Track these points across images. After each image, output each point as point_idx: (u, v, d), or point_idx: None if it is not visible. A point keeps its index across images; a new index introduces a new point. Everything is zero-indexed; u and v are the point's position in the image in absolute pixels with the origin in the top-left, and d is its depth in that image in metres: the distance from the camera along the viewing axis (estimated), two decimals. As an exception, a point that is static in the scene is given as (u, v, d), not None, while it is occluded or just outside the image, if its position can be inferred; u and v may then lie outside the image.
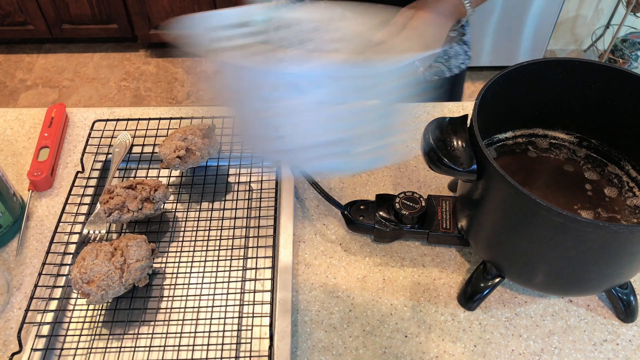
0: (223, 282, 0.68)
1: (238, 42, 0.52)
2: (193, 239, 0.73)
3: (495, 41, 2.27)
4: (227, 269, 0.70)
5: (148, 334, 0.64)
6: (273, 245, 0.70)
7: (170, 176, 0.80)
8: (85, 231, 0.72)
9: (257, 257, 0.70)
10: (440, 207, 0.71)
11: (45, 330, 0.63)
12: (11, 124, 0.89)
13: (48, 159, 0.80)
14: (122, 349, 0.63)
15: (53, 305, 0.65)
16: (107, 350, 0.63)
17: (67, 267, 0.69)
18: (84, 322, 0.65)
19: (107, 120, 0.86)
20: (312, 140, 0.48)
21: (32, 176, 0.77)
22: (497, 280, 0.65)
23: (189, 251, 0.72)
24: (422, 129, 0.62)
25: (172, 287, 0.68)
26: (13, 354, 0.60)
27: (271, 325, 0.63)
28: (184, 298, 0.67)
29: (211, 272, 0.69)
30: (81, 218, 0.74)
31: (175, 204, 0.77)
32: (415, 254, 0.72)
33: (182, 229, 0.74)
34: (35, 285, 0.65)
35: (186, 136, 0.75)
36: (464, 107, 0.91)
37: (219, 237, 0.73)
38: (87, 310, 0.66)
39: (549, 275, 0.61)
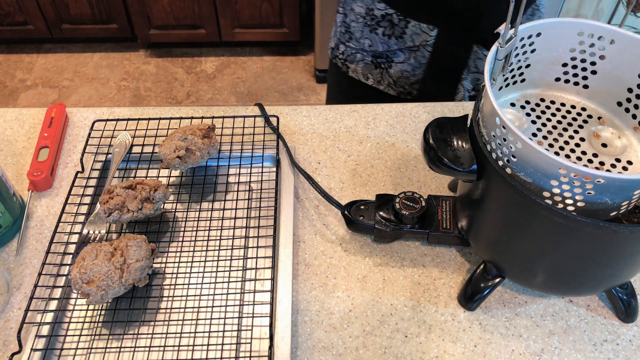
0: (223, 282, 0.68)
1: None
2: (193, 239, 0.73)
3: (495, 41, 2.27)
4: (227, 269, 0.70)
5: (148, 334, 0.64)
6: (273, 245, 0.70)
7: (170, 176, 0.80)
8: (85, 231, 0.72)
9: (257, 257, 0.70)
10: (440, 207, 0.71)
11: (45, 330, 0.63)
12: (11, 124, 0.89)
13: (48, 159, 0.80)
14: (122, 349, 0.63)
15: (53, 305, 0.65)
16: (107, 350, 0.63)
17: (67, 267, 0.69)
18: (83, 322, 0.65)
19: (107, 120, 0.86)
20: None
21: (32, 176, 0.77)
22: (498, 280, 0.65)
23: (189, 251, 0.72)
24: (422, 129, 0.62)
25: (172, 287, 0.68)
26: (13, 354, 0.60)
27: (271, 326, 0.63)
28: (184, 298, 0.67)
29: (211, 272, 0.69)
30: (81, 218, 0.74)
31: (175, 204, 0.77)
32: (415, 254, 0.72)
33: (182, 229, 0.74)
34: (35, 285, 0.65)
35: (186, 136, 0.75)
36: (464, 107, 0.91)
37: (219, 237, 0.73)
38: (87, 310, 0.66)
39: (549, 275, 0.61)
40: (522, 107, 0.64)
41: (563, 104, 0.64)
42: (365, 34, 0.94)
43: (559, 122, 0.62)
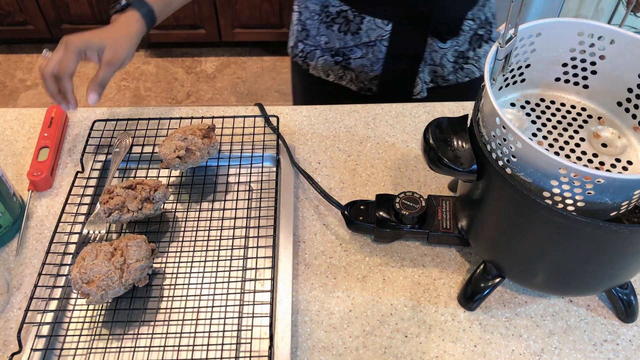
0: (223, 282, 0.68)
1: None
2: (193, 239, 0.73)
3: (495, 41, 2.27)
4: (227, 269, 0.70)
5: (148, 334, 0.64)
6: (273, 245, 0.70)
7: (170, 176, 0.80)
8: (85, 231, 0.72)
9: (257, 257, 0.70)
10: (440, 207, 0.71)
11: (45, 330, 0.63)
12: (11, 124, 0.89)
13: (48, 159, 0.80)
14: (122, 349, 0.63)
15: (53, 305, 0.65)
16: (107, 350, 0.63)
17: (67, 267, 0.69)
18: (83, 322, 0.65)
19: (107, 120, 0.86)
20: None
21: (32, 176, 0.77)
22: (497, 280, 0.65)
23: (189, 251, 0.72)
24: (422, 129, 0.62)
25: (172, 287, 0.68)
26: (13, 354, 0.60)
27: (271, 326, 0.63)
28: (184, 298, 0.67)
29: (211, 272, 0.69)
30: (81, 218, 0.74)
31: (175, 204, 0.77)
32: (415, 254, 0.72)
33: (182, 229, 0.74)
34: (35, 285, 0.65)
35: (186, 136, 0.75)
36: (464, 107, 0.91)
37: (219, 237, 0.73)
38: (87, 310, 0.66)
39: (549, 275, 0.61)
40: (522, 107, 0.64)
41: (563, 104, 0.64)
42: (321, 31, 0.95)
43: (559, 122, 0.62)
